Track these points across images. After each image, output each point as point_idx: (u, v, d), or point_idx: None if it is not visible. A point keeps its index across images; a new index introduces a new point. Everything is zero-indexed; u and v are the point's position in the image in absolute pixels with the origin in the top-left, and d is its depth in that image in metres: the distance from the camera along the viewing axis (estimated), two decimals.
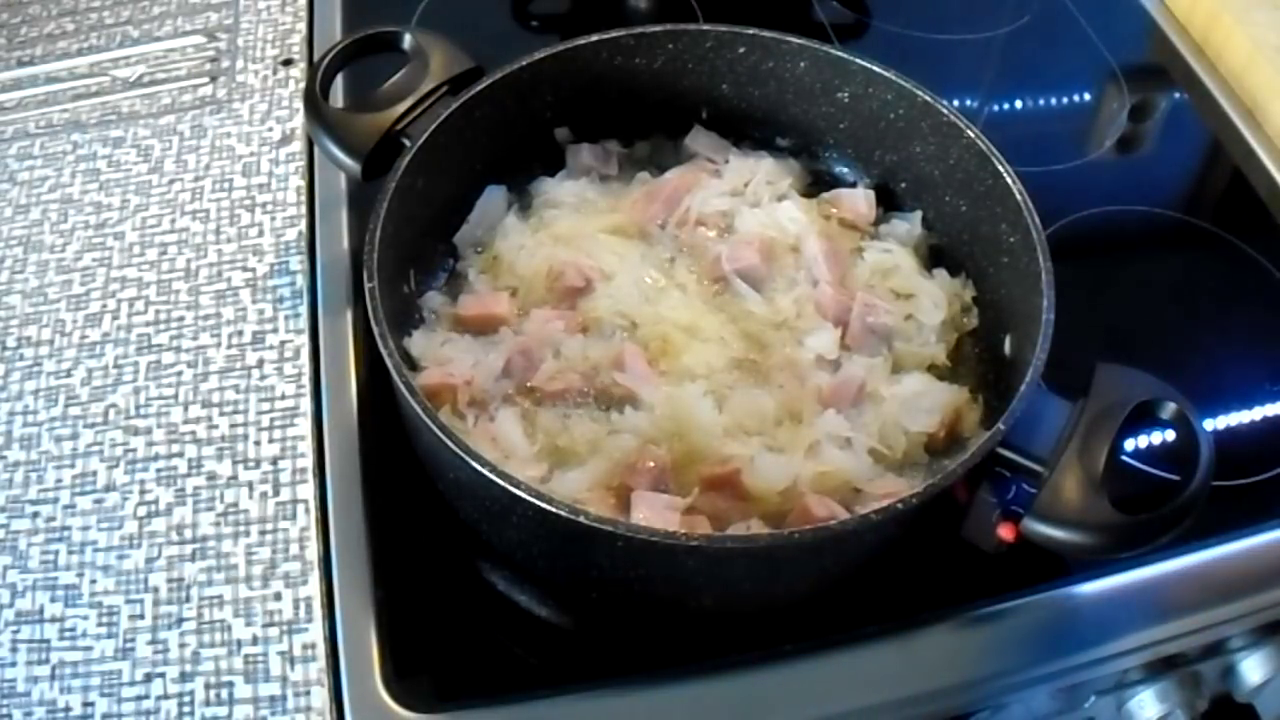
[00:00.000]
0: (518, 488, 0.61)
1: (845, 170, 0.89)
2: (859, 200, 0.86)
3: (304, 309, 0.84)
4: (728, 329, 0.79)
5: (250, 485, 0.76)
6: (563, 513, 0.61)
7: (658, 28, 0.85)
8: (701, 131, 0.89)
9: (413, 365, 0.76)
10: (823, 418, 0.73)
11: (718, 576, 0.67)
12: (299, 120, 0.96)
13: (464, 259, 0.83)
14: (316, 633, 0.70)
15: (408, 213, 0.76)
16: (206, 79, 1.01)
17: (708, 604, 0.70)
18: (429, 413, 0.64)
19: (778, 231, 0.83)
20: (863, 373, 0.76)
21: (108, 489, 0.76)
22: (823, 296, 0.80)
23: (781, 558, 0.66)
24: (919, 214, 0.85)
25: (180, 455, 0.78)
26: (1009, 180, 0.76)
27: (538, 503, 0.61)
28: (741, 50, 0.86)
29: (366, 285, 0.68)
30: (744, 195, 0.85)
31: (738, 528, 0.68)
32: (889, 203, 0.87)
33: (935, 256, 0.85)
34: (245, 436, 0.78)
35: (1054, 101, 1.06)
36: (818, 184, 0.89)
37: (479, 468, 0.62)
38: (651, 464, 0.70)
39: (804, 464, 0.71)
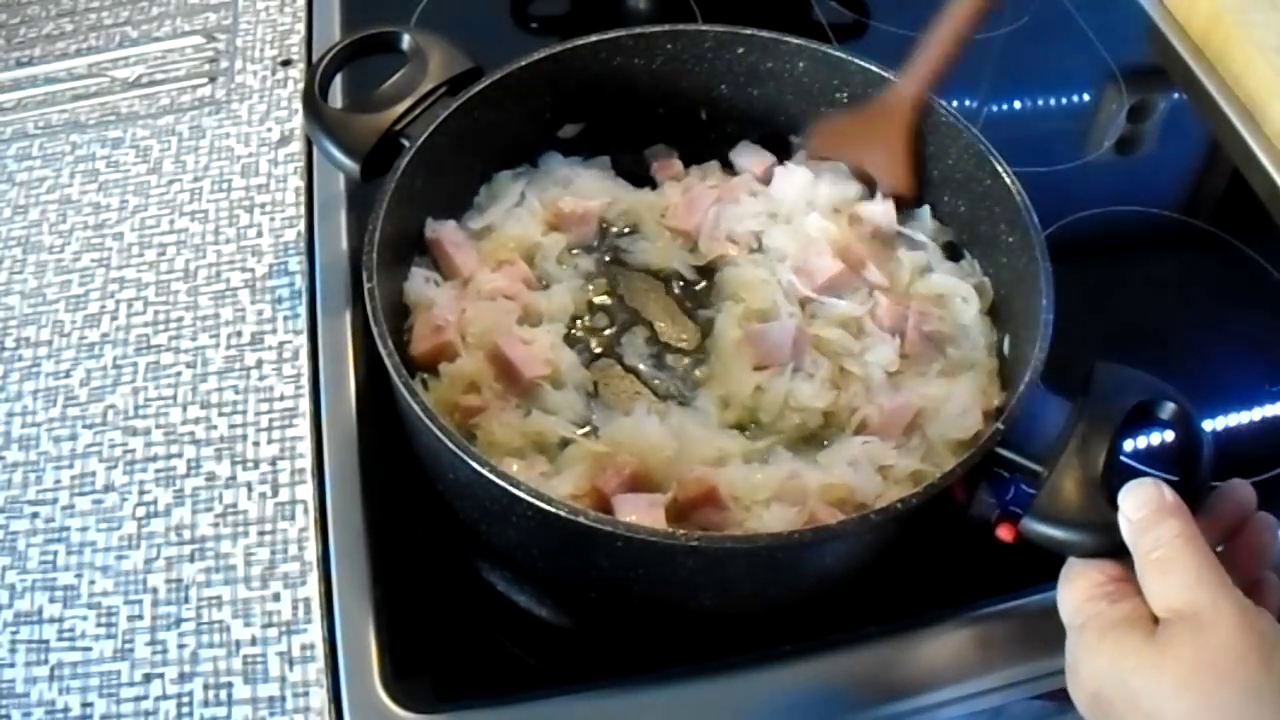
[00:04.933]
0: (518, 488, 0.61)
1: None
2: (878, 212, 0.84)
3: (303, 309, 0.84)
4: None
5: (249, 486, 0.76)
6: (563, 513, 0.60)
7: (656, 28, 0.85)
8: (747, 146, 0.89)
9: (405, 313, 0.77)
10: (865, 447, 0.72)
11: (718, 577, 0.67)
12: (298, 121, 0.96)
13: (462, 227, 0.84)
14: (315, 633, 0.70)
15: (406, 213, 0.77)
16: (205, 79, 1.01)
17: (708, 604, 0.70)
18: (429, 414, 0.64)
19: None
20: (919, 401, 0.74)
21: (106, 490, 0.76)
22: (880, 308, 0.79)
23: (781, 558, 0.66)
24: (926, 209, 0.85)
25: (179, 456, 0.78)
26: (1008, 180, 0.76)
27: (538, 503, 0.61)
28: (740, 50, 0.86)
29: (366, 286, 0.68)
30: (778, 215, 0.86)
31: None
32: None
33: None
34: (244, 437, 0.78)
35: (1053, 102, 1.06)
36: None
37: (479, 468, 0.62)
38: (627, 470, 0.70)
39: (811, 474, 0.71)
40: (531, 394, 0.75)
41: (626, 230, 0.86)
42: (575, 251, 0.85)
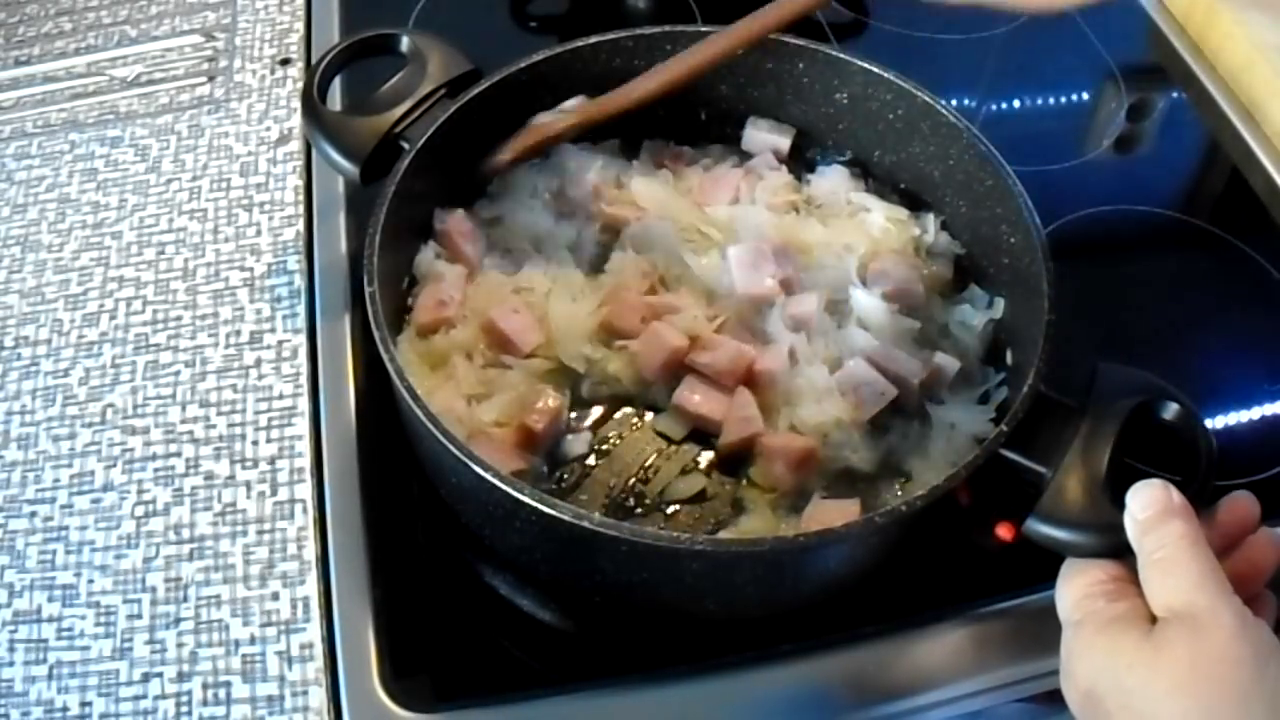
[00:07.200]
0: (522, 493, 0.61)
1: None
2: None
3: (302, 309, 0.84)
4: None
5: (248, 485, 0.76)
6: (567, 518, 0.60)
7: (655, 29, 0.84)
8: (756, 125, 0.89)
9: (413, 282, 0.80)
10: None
11: (722, 580, 0.67)
12: (297, 120, 0.96)
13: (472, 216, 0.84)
14: (314, 632, 0.70)
15: (406, 216, 0.76)
16: (204, 78, 1.01)
17: (712, 608, 0.70)
18: (433, 420, 0.64)
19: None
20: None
21: (105, 489, 0.76)
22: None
23: (786, 561, 0.66)
24: (931, 218, 0.85)
25: (178, 455, 0.78)
26: (1009, 180, 0.76)
27: (542, 508, 0.61)
28: (739, 51, 0.85)
29: (367, 290, 0.68)
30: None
31: None
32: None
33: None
34: (243, 436, 0.78)
35: (1052, 101, 1.06)
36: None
37: (483, 474, 0.62)
38: (553, 403, 0.74)
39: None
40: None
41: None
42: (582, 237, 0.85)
